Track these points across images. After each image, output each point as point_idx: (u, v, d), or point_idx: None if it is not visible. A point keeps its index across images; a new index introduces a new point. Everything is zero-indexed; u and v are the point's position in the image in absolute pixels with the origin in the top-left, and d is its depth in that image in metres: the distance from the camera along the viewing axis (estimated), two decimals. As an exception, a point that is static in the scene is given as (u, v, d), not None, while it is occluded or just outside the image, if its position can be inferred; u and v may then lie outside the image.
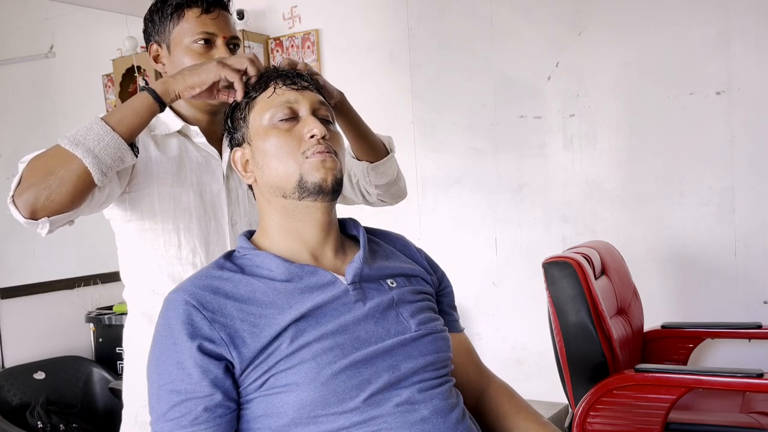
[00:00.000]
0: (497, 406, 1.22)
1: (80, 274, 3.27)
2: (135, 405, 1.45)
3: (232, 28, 1.48)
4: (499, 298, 3.22)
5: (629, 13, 2.87)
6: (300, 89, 1.13)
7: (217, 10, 1.44)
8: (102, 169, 1.15)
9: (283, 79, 1.14)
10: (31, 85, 3.41)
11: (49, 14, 3.39)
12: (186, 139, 1.46)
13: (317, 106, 1.14)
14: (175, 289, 1.05)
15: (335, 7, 3.54)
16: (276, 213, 1.12)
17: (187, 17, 1.43)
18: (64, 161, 1.13)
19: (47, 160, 1.15)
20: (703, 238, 2.78)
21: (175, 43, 1.44)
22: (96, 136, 1.15)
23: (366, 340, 1.04)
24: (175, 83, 1.21)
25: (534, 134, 3.10)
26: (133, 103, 1.20)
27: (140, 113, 1.19)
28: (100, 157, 1.14)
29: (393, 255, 1.21)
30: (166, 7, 1.44)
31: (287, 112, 1.11)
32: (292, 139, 1.10)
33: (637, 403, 2.05)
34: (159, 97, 1.20)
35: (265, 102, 1.13)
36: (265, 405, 1.00)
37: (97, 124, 1.16)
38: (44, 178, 1.13)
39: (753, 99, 2.67)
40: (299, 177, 1.08)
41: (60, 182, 1.13)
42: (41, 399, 2.89)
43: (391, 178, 1.55)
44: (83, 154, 1.13)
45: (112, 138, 1.15)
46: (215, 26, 1.44)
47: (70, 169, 1.13)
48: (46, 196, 1.13)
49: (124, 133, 1.17)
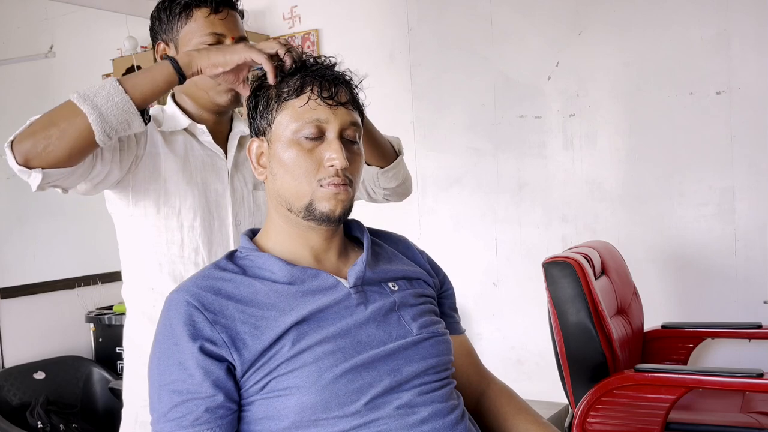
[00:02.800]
0: (497, 407, 1.22)
1: (80, 274, 3.26)
2: (135, 405, 1.44)
3: (240, 28, 1.46)
4: (499, 298, 3.22)
5: (629, 13, 2.87)
6: (334, 106, 1.08)
7: (225, 10, 1.43)
8: (105, 130, 1.13)
9: (320, 86, 1.08)
10: (31, 85, 3.40)
11: (49, 14, 3.39)
12: (192, 137, 1.45)
13: (346, 126, 1.09)
14: (176, 289, 1.05)
15: (335, 7, 3.54)
16: (280, 218, 1.12)
17: (196, 17, 1.42)
18: (69, 114, 1.12)
19: (53, 113, 1.15)
20: (703, 238, 2.78)
21: (183, 42, 1.42)
22: (106, 94, 1.13)
23: (367, 343, 1.04)
24: (199, 57, 1.20)
25: (534, 134, 3.10)
26: (152, 71, 1.19)
27: (157, 81, 1.18)
28: (106, 116, 1.13)
29: (395, 257, 1.21)
30: (175, 5, 1.43)
31: (314, 132, 1.07)
32: (311, 160, 1.07)
33: (637, 403, 2.05)
34: (180, 69, 1.19)
35: (296, 111, 1.07)
36: (266, 408, 1.00)
37: (111, 84, 1.14)
38: (46, 128, 1.13)
39: (753, 99, 2.67)
40: (309, 201, 1.07)
41: (61, 134, 1.12)
42: (41, 399, 2.88)
43: (400, 181, 1.55)
44: (89, 110, 1.12)
45: (122, 99, 1.14)
46: (224, 26, 1.42)
47: (73, 122, 1.12)
48: (44, 146, 1.12)
49: (137, 97, 1.16)
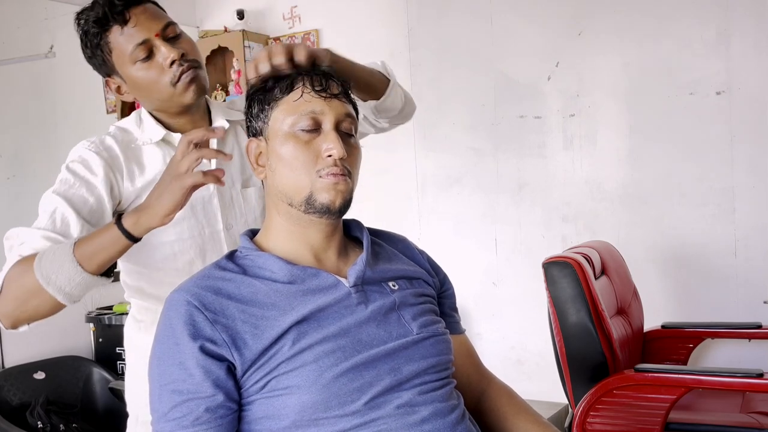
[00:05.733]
0: (497, 407, 1.22)
1: (80, 274, 3.26)
2: (137, 405, 1.44)
3: (159, 15, 1.33)
4: (499, 298, 3.22)
5: (629, 13, 2.87)
6: (328, 98, 1.09)
7: (133, 15, 1.29)
8: (74, 299, 1.19)
9: (311, 80, 1.09)
10: (31, 85, 3.40)
11: (49, 14, 3.39)
12: (170, 147, 1.38)
13: (342, 118, 1.09)
14: (177, 289, 1.05)
15: (335, 7, 3.54)
16: (280, 216, 1.12)
17: (114, 42, 1.31)
18: (38, 294, 1.17)
19: (22, 292, 1.19)
20: (703, 238, 2.78)
21: (122, 68, 1.33)
22: (67, 276, 1.15)
23: (368, 343, 1.04)
24: (148, 218, 1.14)
25: (534, 134, 3.10)
26: (104, 239, 1.16)
27: (112, 253, 1.16)
28: (71, 293, 1.18)
29: (395, 257, 1.20)
30: (91, 43, 1.32)
31: (310, 123, 1.07)
32: (309, 152, 1.07)
33: (637, 403, 2.05)
34: (131, 234, 1.15)
35: (290, 105, 1.08)
36: (266, 407, 1.00)
37: (69, 262, 1.15)
38: (21, 306, 1.20)
39: (753, 99, 2.67)
40: (309, 193, 1.07)
41: (35, 309, 1.20)
42: (41, 399, 2.88)
43: (400, 105, 1.50)
44: (55, 292, 1.16)
45: (82, 278, 1.16)
46: (143, 29, 1.30)
47: (43, 299, 1.18)
48: (26, 317, 1.22)
49: (95, 270, 1.17)
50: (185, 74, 1.32)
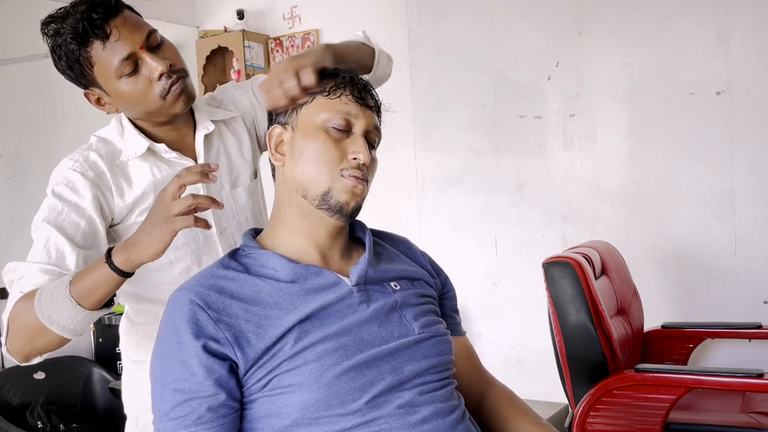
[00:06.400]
0: (497, 408, 1.22)
1: (80, 274, 3.26)
2: (135, 408, 1.43)
3: (140, 23, 1.28)
4: (499, 298, 3.22)
5: (629, 13, 2.87)
6: (363, 106, 1.13)
7: (115, 28, 1.24)
8: (80, 333, 1.20)
9: (352, 89, 1.13)
10: (31, 85, 3.40)
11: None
12: (155, 157, 1.36)
13: (371, 128, 1.14)
14: (179, 288, 1.05)
15: (335, 7, 3.54)
16: (291, 207, 1.12)
17: (95, 56, 1.25)
18: (44, 333, 1.17)
19: (29, 332, 1.19)
20: (703, 238, 2.79)
21: (105, 83, 1.29)
22: (68, 316, 1.15)
23: (369, 342, 1.04)
24: (137, 256, 1.11)
25: (534, 134, 3.10)
26: (97, 276, 1.14)
27: (106, 288, 1.15)
28: (76, 330, 1.18)
29: (397, 258, 1.21)
30: (68, 58, 1.27)
31: (343, 123, 1.11)
32: (336, 151, 1.10)
33: (637, 403, 2.05)
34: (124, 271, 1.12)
35: (326, 102, 1.12)
36: (268, 405, 1.00)
37: (67, 303, 1.14)
38: (29, 343, 1.20)
39: (753, 99, 2.68)
40: (327, 189, 1.09)
41: (45, 345, 1.21)
42: (41, 399, 2.89)
43: (389, 71, 1.54)
44: (60, 331, 1.17)
45: (83, 316, 1.16)
46: (126, 44, 1.25)
47: (50, 337, 1.18)
48: (36, 352, 1.23)
49: (94, 306, 1.17)
50: (175, 86, 1.29)
